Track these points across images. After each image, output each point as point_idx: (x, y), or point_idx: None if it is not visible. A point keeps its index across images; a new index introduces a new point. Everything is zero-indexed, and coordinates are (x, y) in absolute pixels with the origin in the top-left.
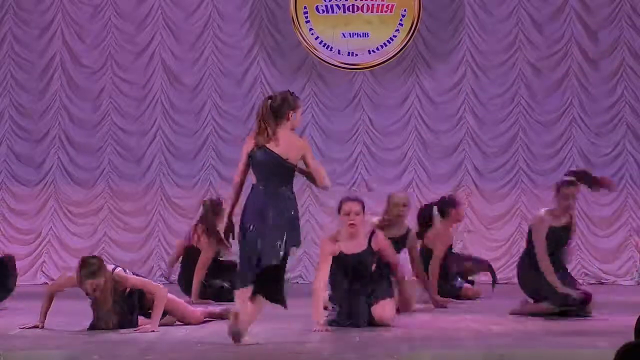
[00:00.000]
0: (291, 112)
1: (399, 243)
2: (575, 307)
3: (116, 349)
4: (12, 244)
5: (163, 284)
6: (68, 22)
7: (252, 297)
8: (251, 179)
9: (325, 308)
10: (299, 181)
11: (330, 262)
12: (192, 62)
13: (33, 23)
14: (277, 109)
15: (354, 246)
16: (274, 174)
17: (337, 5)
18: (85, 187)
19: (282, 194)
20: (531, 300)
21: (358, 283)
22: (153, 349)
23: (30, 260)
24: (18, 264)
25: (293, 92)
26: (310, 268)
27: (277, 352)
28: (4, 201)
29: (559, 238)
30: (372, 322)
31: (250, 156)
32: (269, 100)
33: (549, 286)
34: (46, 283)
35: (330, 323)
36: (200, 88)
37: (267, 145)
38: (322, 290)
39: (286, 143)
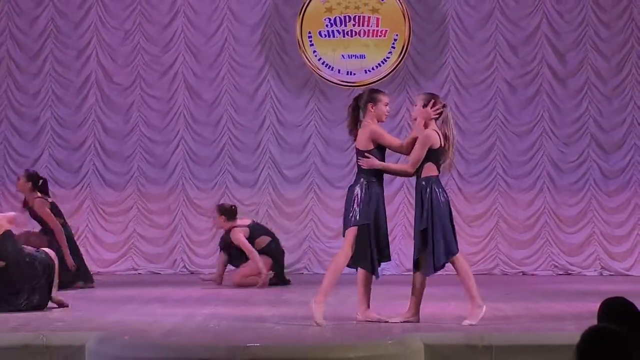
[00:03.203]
0: (370, 104)
1: None
2: None
3: (144, 331)
4: None
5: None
6: (102, 45)
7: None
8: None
9: None
10: (305, 183)
11: None
12: (211, 80)
13: (71, 46)
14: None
15: None
16: None
17: (337, 31)
18: (117, 190)
19: None
20: None
21: None
22: (176, 331)
23: None
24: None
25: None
26: (314, 261)
27: (286, 333)
28: None
29: None
30: None
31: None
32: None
33: None
34: None
35: None
36: (217, 103)
37: None
38: None
39: None
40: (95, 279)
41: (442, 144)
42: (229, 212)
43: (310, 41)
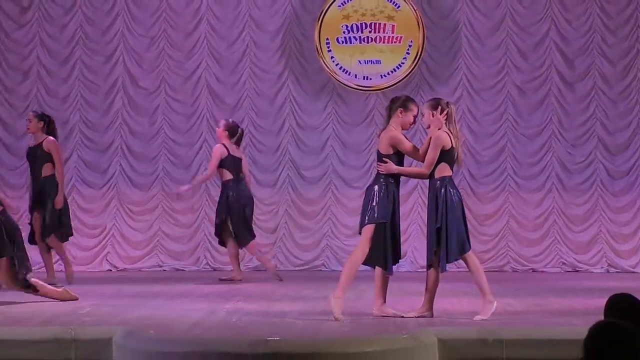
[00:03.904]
0: (401, 109)
1: None
2: None
3: (169, 325)
4: (82, 237)
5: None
6: (129, 51)
7: None
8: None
9: None
10: (323, 183)
11: None
12: (233, 85)
13: (99, 52)
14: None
15: None
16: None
17: (354, 37)
18: (143, 190)
19: None
20: None
21: None
22: (200, 325)
23: (96, 250)
24: (87, 254)
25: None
26: (332, 258)
27: (305, 328)
28: (75, 201)
29: None
30: None
31: None
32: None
33: None
34: (110, 270)
35: None
36: (239, 106)
37: None
38: None
39: None
40: (121, 275)
41: (454, 144)
42: (232, 130)
43: (328, 47)
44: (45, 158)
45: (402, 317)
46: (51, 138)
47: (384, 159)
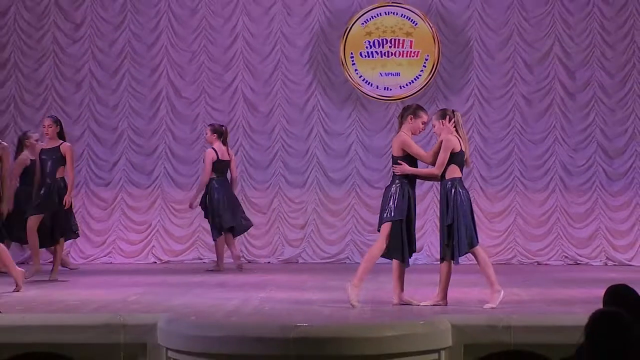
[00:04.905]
0: (411, 116)
1: None
2: None
3: (208, 312)
4: (129, 232)
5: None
6: (172, 64)
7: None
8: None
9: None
10: (347, 184)
11: None
12: (266, 95)
13: (145, 65)
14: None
15: None
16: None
17: (375, 52)
18: (185, 190)
19: None
20: None
21: None
22: (236, 312)
23: (143, 245)
24: (134, 248)
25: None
26: (355, 252)
27: (331, 315)
28: (124, 200)
29: None
30: None
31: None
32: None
33: None
34: (155, 262)
35: None
36: (272, 114)
37: None
38: None
39: None
40: (165, 267)
41: (462, 147)
42: (218, 131)
43: (352, 61)
44: (62, 161)
45: (419, 305)
46: (67, 144)
47: (398, 161)
